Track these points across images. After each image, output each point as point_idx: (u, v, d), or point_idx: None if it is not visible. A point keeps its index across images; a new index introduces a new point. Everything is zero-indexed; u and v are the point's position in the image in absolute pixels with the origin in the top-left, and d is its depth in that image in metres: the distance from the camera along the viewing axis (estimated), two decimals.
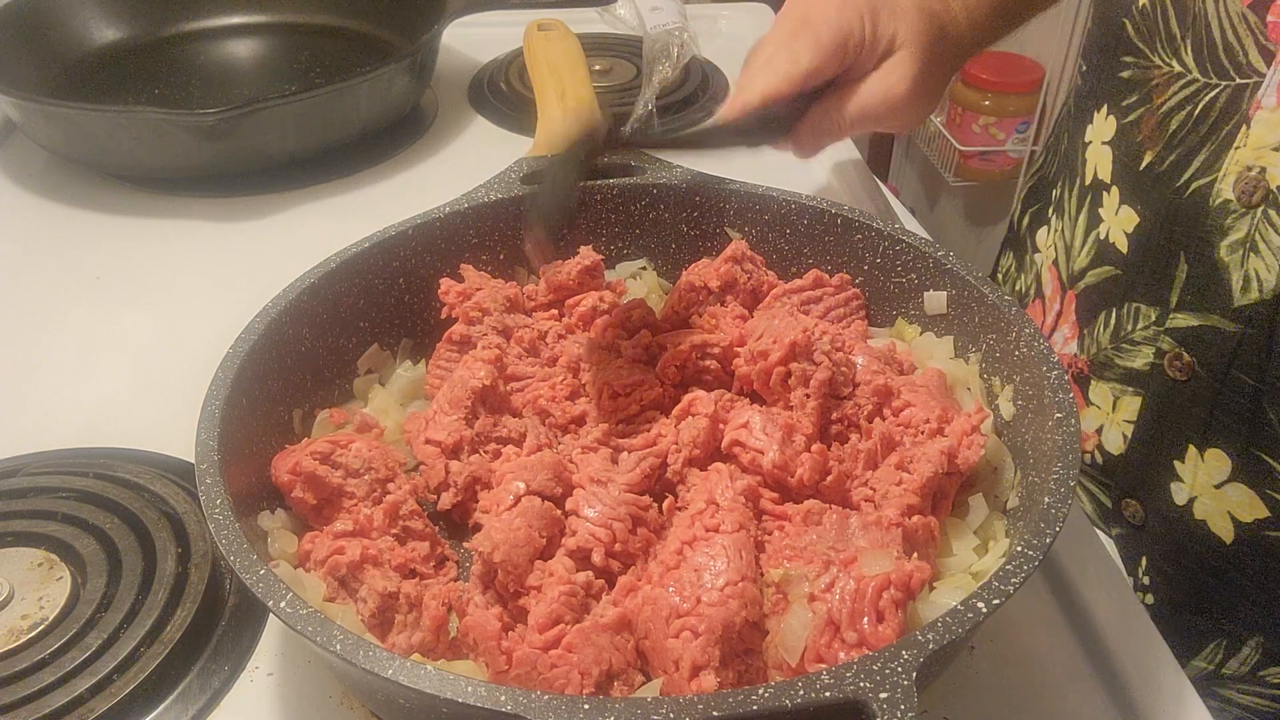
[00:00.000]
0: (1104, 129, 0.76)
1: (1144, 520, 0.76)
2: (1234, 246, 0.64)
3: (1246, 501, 0.68)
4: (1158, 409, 0.72)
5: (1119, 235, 0.74)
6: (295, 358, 0.65)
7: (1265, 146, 0.62)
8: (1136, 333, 0.74)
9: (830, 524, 0.56)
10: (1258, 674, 0.73)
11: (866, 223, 0.73)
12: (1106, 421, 0.78)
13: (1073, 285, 0.80)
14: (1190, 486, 0.71)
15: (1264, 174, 0.62)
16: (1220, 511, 0.70)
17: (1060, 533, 0.49)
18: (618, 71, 1.26)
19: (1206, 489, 0.70)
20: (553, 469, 0.60)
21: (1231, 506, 0.69)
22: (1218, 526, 0.70)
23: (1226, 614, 0.73)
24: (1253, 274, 0.64)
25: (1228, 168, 0.64)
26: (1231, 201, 0.64)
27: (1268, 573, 0.69)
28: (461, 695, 0.42)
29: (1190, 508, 0.71)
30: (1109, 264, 0.76)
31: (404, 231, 0.72)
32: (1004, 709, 0.57)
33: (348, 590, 0.55)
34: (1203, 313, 0.67)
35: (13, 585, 0.60)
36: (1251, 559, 0.69)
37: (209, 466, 0.53)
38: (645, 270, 0.80)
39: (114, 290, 0.93)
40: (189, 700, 0.57)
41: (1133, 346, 0.74)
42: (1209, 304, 0.67)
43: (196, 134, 0.98)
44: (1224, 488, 0.69)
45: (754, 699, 0.41)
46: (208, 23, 1.30)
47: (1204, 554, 0.71)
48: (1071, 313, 0.80)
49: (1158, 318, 0.72)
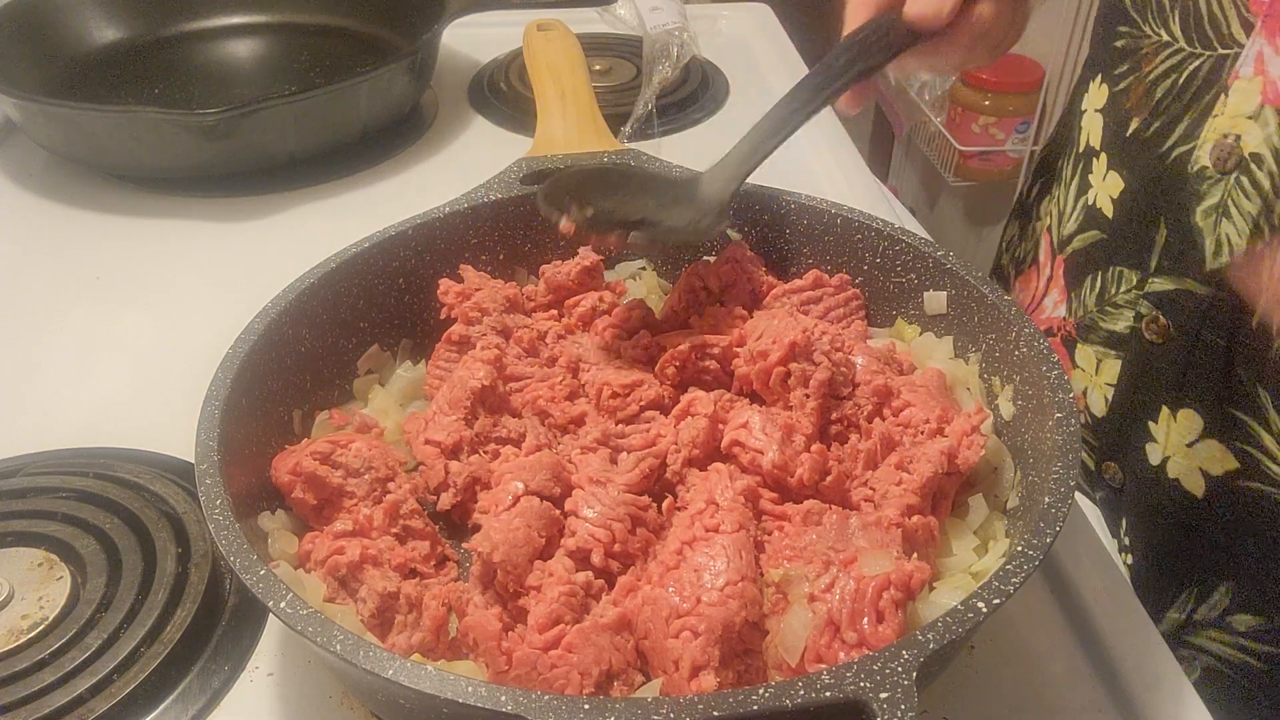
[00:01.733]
0: (1097, 97, 0.78)
1: (1123, 482, 0.79)
2: (1208, 212, 0.67)
3: (1218, 456, 0.71)
4: (1135, 371, 0.75)
5: (1105, 200, 0.76)
6: (295, 358, 0.65)
7: (1241, 115, 0.65)
8: (1119, 296, 0.76)
9: (830, 524, 0.56)
10: (1226, 619, 0.75)
11: (866, 223, 0.73)
12: (1090, 384, 0.80)
13: (1061, 250, 0.83)
14: (1163, 447, 0.74)
15: (1239, 141, 0.65)
16: (1192, 468, 0.73)
17: (1060, 533, 0.49)
18: (618, 71, 1.26)
19: (1179, 448, 0.73)
20: (551, 469, 0.60)
21: (1203, 462, 0.72)
22: (1190, 483, 0.73)
23: (1198, 565, 0.76)
24: (1224, 238, 0.67)
25: (1206, 135, 0.67)
26: (1208, 168, 0.67)
27: (1238, 521, 0.72)
28: (462, 695, 0.42)
29: (1164, 467, 0.74)
30: (1095, 228, 0.78)
31: (404, 231, 0.72)
32: (1004, 709, 0.57)
33: (348, 590, 0.55)
34: (1178, 276, 0.70)
35: (13, 585, 0.60)
36: (1222, 510, 0.72)
37: (209, 466, 0.53)
38: (645, 270, 0.80)
39: (114, 290, 0.93)
40: (189, 700, 0.57)
41: (1115, 310, 0.77)
42: (1184, 268, 0.70)
43: (197, 134, 0.98)
44: (1195, 446, 0.72)
45: (754, 699, 0.41)
46: (208, 23, 1.30)
47: (1177, 511, 0.74)
48: (1060, 277, 0.83)
49: (1138, 281, 0.74)
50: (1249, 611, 0.74)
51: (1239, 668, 0.75)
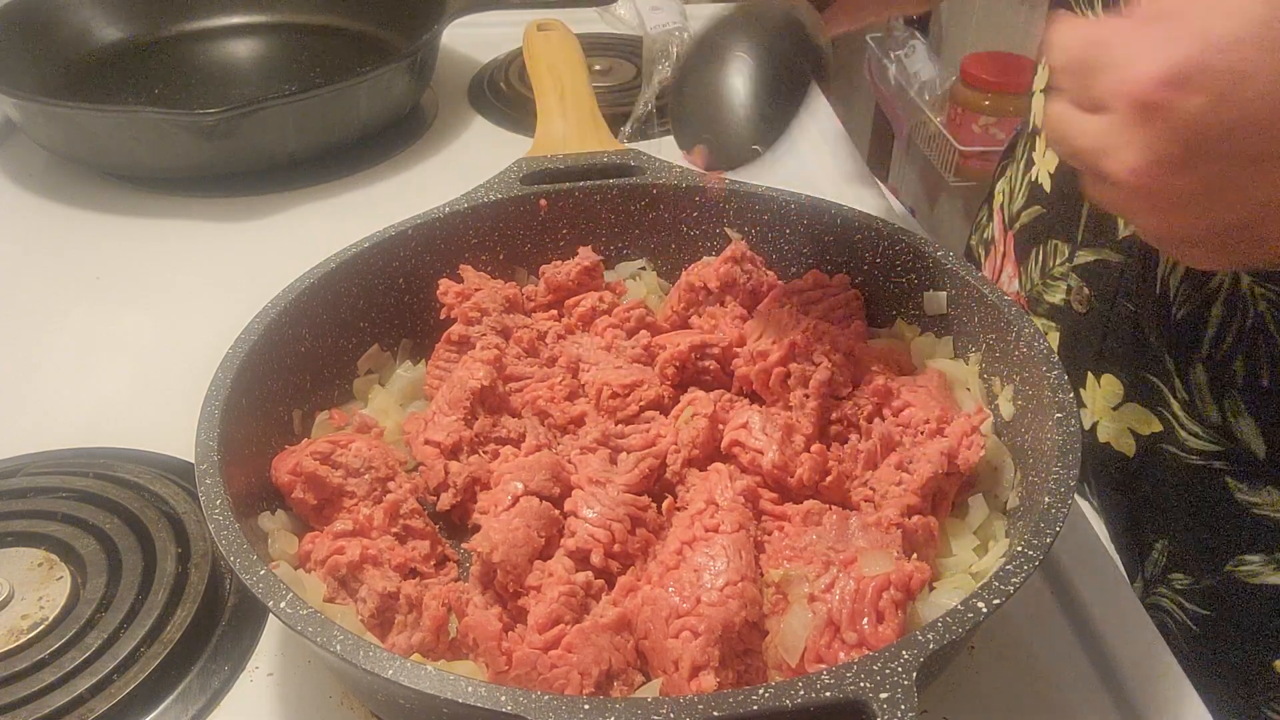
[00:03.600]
0: (1042, 78, 0.81)
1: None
2: None
3: (1141, 418, 0.73)
4: (1066, 341, 0.78)
5: (1044, 176, 0.79)
6: (295, 358, 0.65)
7: None
8: (1056, 269, 0.78)
9: (830, 524, 0.56)
10: (1166, 577, 0.77)
11: (866, 223, 0.73)
12: None
13: (1011, 226, 0.86)
14: (1092, 411, 0.76)
15: None
16: (1121, 429, 0.75)
17: (1060, 533, 0.49)
18: (618, 71, 1.26)
19: (1105, 412, 0.75)
20: (550, 469, 0.60)
21: (1130, 423, 0.74)
22: (1121, 444, 0.75)
23: (1137, 523, 0.77)
24: None
25: None
26: None
27: (1165, 482, 0.73)
28: (461, 695, 0.42)
29: (1095, 432, 0.76)
30: (1038, 204, 0.81)
31: (404, 231, 0.72)
32: (1004, 709, 0.57)
33: (348, 590, 0.55)
34: (1097, 247, 0.73)
35: (13, 585, 0.60)
36: (1152, 470, 0.74)
37: (209, 466, 0.53)
38: (645, 270, 0.80)
39: (114, 290, 0.93)
40: (189, 700, 0.57)
41: (1054, 282, 0.79)
42: (1102, 238, 0.72)
43: (196, 134, 0.98)
44: (1120, 409, 0.74)
45: (754, 699, 0.41)
46: (208, 23, 1.30)
47: (1111, 472, 0.76)
48: (1011, 252, 0.86)
49: (1069, 254, 0.77)
50: (1181, 570, 0.75)
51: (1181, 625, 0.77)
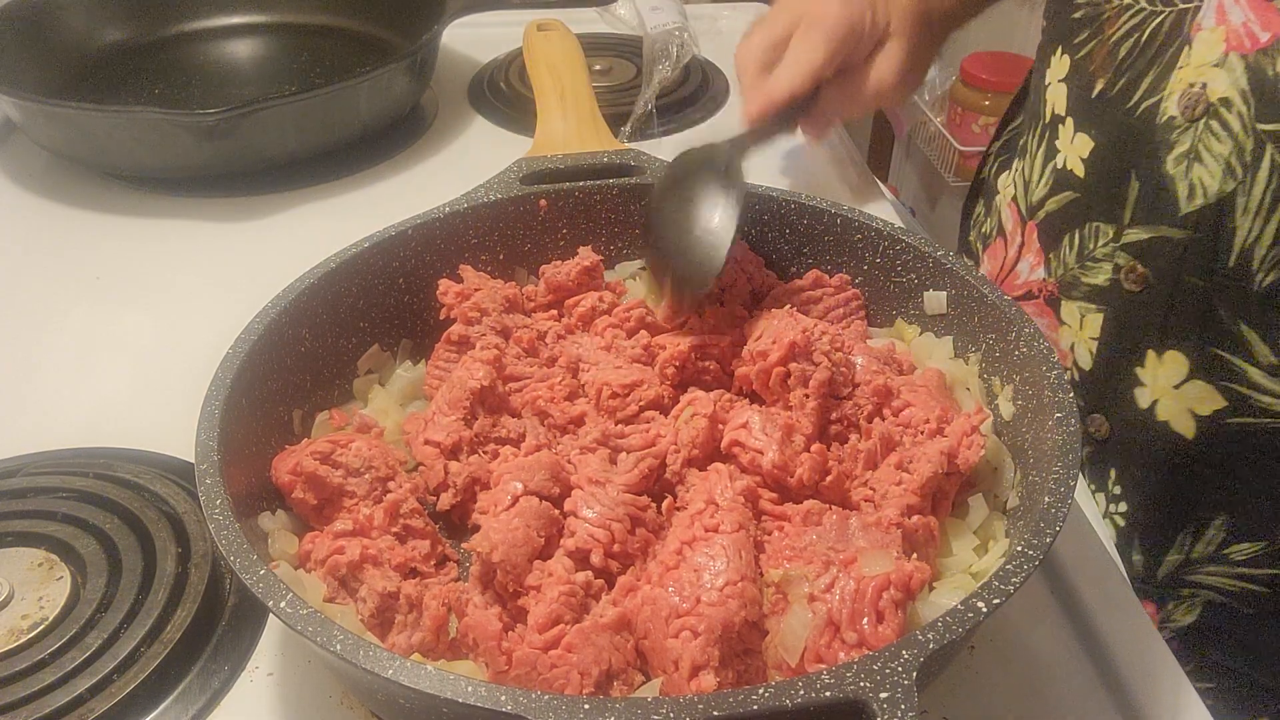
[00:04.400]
0: (1059, 68, 0.82)
1: (1109, 433, 0.80)
2: (1179, 159, 0.70)
3: (1205, 396, 0.73)
4: (1117, 321, 0.77)
5: (1075, 162, 0.79)
6: (295, 358, 0.65)
7: (1205, 64, 0.68)
8: (1098, 250, 0.78)
9: (830, 524, 0.56)
10: (1223, 551, 0.77)
11: (866, 223, 0.73)
12: (1076, 339, 0.82)
13: (1032, 216, 0.86)
14: (1151, 389, 0.76)
15: (1205, 89, 0.68)
16: (1181, 410, 0.74)
17: (1060, 533, 0.49)
18: (618, 71, 1.26)
19: (1166, 390, 0.75)
20: (550, 469, 0.60)
21: (1191, 403, 0.74)
22: (1180, 425, 0.75)
23: (1193, 503, 0.77)
24: (1196, 182, 0.69)
25: (1172, 86, 0.70)
26: (1176, 117, 0.70)
27: (1229, 457, 0.74)
28: (462, 695, 0.42)
29: (1153, 410, 0.76)
30: (1069, 189, 0.81)
31: (404, 231, 0.72)
32: (1004, 709, 0.57)
33: (348, 590, 0.55)
34: (1153, 225, 0.73)
35: (13, 585, 0.60)
36: (1213, 449, 0.74)
37: (209, 466, 0.53)
38: (645, 270, 0.80)
39: (114, 290, 0.93)
40: (189, 700, 0.57)
41: (1095, 264, 0.79)
42: (1158, 216, 0.72)
43: (197, 134, 0.98)
44: (1183, 387, 0.74)
45: (754, 699, 0.41)
46: (208, 23, 1.30)
47: (1169, 453, 0.76)
48: (1034, 241, 0.86)
49: (1114, 235, 0.76)
50: (1247, 540, 0.76)
51: (1240, 596, 0.78)
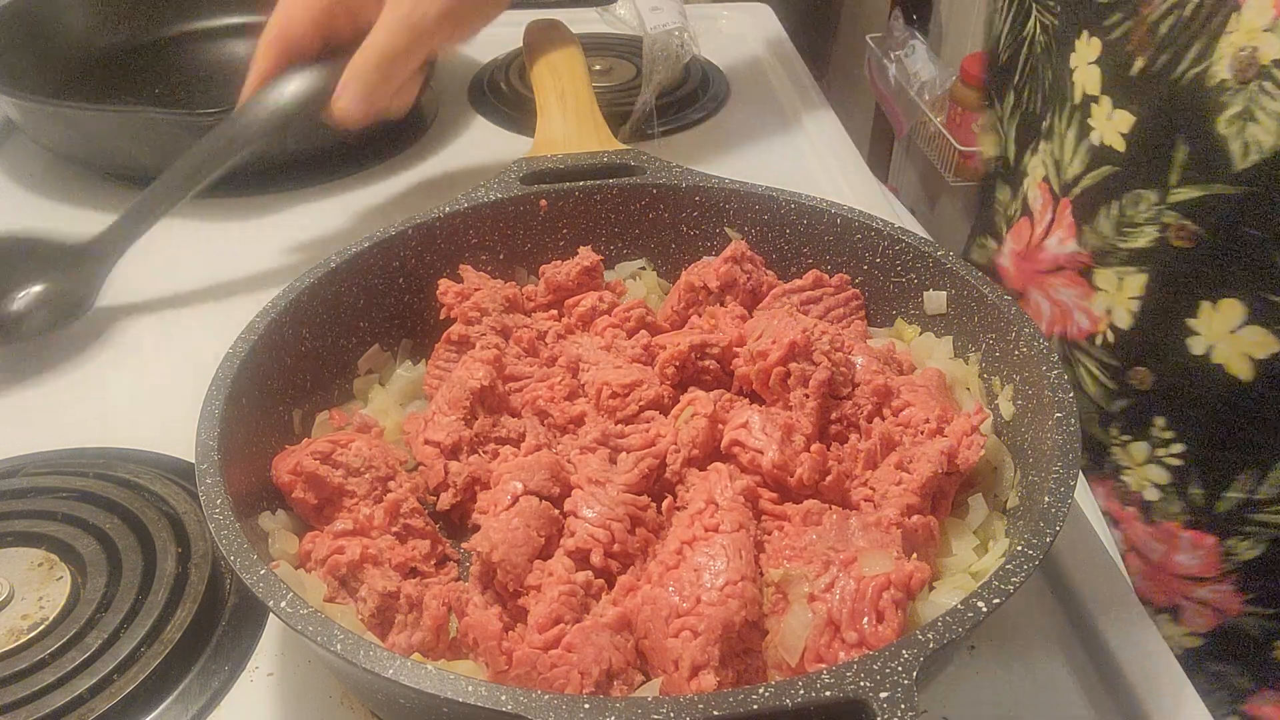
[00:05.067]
0: (1088, 51, 0.82)
1: (1153, 384, 0.82)
2: (1231, 120, 0.71)
3: (1261, 340, 0.74)
4: (1165, 277, 0.78)
5: (1115, 138, 0.80)
6: (295, 358, 0.65)
7: (1256, 29, 0.69)
8: (1139, 216, 0.79)
9: (830, 524, 0.56)
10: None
11: (866, 223, 0.73)
12: (1114, 302, 0.83)
13: (1066, 193, 0.87)
14: (1206, 335, 0.77)
15: (1255, 53, 0.69)
16: (1237, 354, 0.75)
17: (1060, 533, 0.49)
18: (618, 71, 1.26)
19: (1223, 335, 0.76)
20: (550, 469, 0.60)
21: (1247, 348, 0.75)
22: (1236, 368, 0.76)
23: (1254, 446, 0.78)
24: (1252, 141, 0.70)
25: (1221, 52, 0.71)
26: (1227, 80, 0.70)
27: None
28: (462, 695, 0.42)
29: (1209, 355, 0.77)
30: (1107, 164, 0.81)
31: (404, 231, 0.72)
32: (1004, 709, 0.57)
33: (348, 590, 0.55)
34: (1205, 184, 0.74)
35: (13, 585, 0.60)
36: (1271, 392, 0.75)
37: (209, 466, 0.53)
38: (645, 270, 0.80)
39: (114, 290, 0.92)
40: (189, 700, 0.57)
41: (1134, 229, 0.80)
42: (1211, 174, 0.73)
43: (196, 134, 0.98)
44: (1239, 331, 0.75)
45: (754, 698, 0.41)
46: (208, 23, 1.30)
47: (1225, 394, 0.77)
48: (1067, 216, 0.87)
49: (1160, 198, 0.77)
50: None
51: None
